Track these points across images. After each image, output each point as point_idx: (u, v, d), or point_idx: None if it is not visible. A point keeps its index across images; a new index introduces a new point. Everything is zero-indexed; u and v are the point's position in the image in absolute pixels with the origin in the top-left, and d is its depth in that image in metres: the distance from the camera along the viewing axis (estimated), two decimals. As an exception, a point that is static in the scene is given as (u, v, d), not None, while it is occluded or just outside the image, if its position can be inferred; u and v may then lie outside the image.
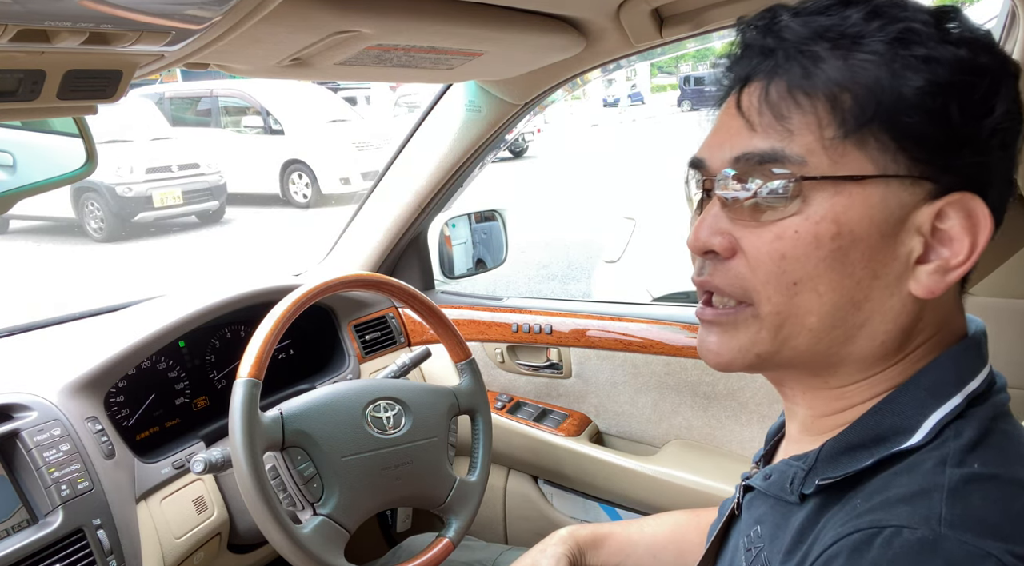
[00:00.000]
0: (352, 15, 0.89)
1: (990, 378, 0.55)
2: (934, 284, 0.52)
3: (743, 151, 0.54)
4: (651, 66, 26.41)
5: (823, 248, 0.52)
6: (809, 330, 0.54)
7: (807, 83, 0.52)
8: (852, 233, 0.51)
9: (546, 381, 1.68)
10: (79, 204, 8.64)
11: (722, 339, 0.58)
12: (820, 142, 0.52)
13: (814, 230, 0.52)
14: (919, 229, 0.52)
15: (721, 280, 0.57)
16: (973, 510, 0.46)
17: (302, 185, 10.32)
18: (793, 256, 0.53)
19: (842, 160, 0.51)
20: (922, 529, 0.45)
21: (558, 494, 1.64)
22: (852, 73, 0.51)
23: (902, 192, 0.51)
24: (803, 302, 0.53)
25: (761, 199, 0.53)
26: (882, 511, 0.48)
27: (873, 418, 0.55)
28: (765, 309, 0.55)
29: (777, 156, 0.53)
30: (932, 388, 0.54)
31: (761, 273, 0.54)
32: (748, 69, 0.55)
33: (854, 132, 0.51)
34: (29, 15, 0.55)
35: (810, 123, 0.52)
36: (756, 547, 0.59)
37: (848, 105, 0.51)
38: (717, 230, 0.56)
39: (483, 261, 1.88)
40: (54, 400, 1.10)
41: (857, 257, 0.52)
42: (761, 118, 0.54)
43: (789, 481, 0.57)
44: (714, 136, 0.59)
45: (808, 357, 0.56)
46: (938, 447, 0.51)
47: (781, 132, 0.53)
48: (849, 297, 0.53)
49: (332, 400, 1.14)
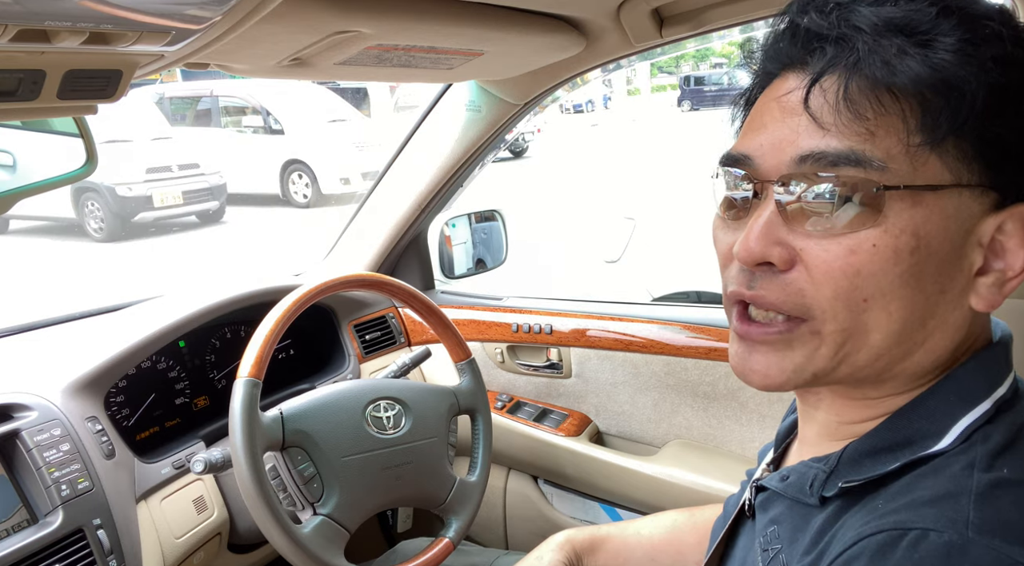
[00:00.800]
0: (352, 15, 0.89)
1: (1015, 385, 0.54)
2: (993, 297, 0.51)
3: (813, 150, 0.49)
4: (651, 66, 26.38)
5: (902, 264, 0.48)
6: (871, 347, 0.51)
7: (893, 80, 0.47)
8: (929, 247, 0.48)
9: (546, 381, 1.68)
10: (79, 204, 8.64)
11: (772, 359, 0.53)
12: (904, 147, 0.48)
13: (894, 244, 0.48)
14: (980, 240, 0.50)
15: (777, 295, 0.51)
16: (1002, 515, 0.45)
17: (302, 185, 10.32)
18: (869, 272, 0.48)
19: (924, 167, 0.48)
20: (949, 533, 0.44)
21: (558, 494, 1.64)
22: (939, 73, 0.47)
23: (972, 203, 0.49)
24: (871, 319, 0.50)
25: (833, 206, 0.49)
26: (907, 512, 0.46)
27: (900, 422, 0.53)
28: (829, 327, 0.50)
29: (857, 158, 0.48)
30: (962, 393, 0.52)
31: (828, 289, 0.49)
32: (821, 61, 0.50)
33: (943, 139, 0.47)
34: (29, 15, 0.55)
35: (895, 125, 0.48)
36: (773, 548, 0.58)
37: (940, 108, 0.47)
38: (774, 239, 0.51)
39: (483, 261, 1.88)
40: (54, 400, 1.10)
41: (930, 272, 0.49)
42: (837, 117, 0.48)
43: (809, 483, 0.56)
44: (762, 133, 0.53)
45: (864, 374, 0.53)
46: (965, 451, 0.50)
47: (861, 133, 0.48)
48: (919, 314, 0.50)
49: (332, 400, 1.14)
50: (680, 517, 0.95)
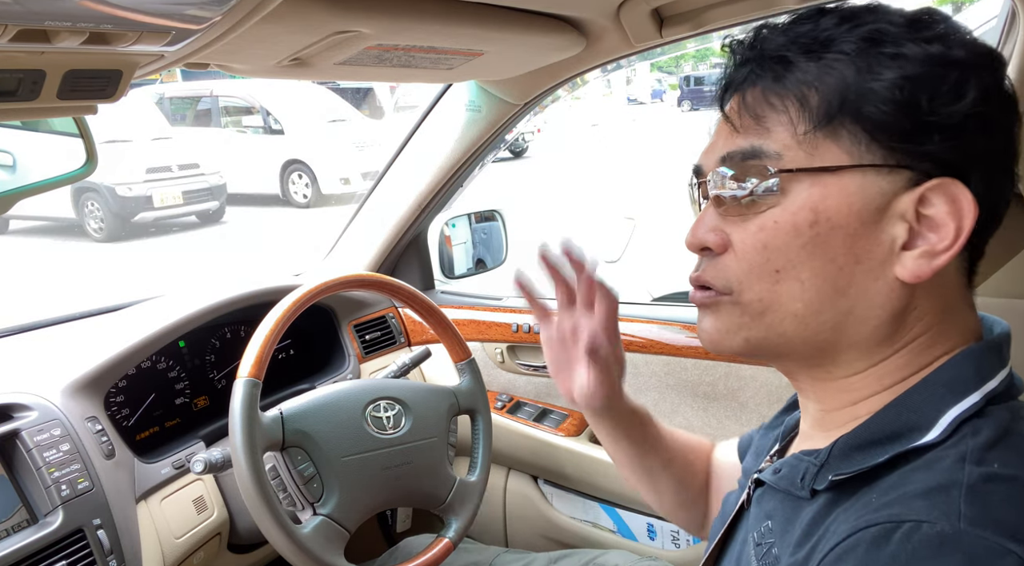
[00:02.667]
0: (352, 15, 0.89)
1: (1009, 380, 0.55)
2: (919, 268, 0.53)
3: (728, 151, 0.58)
4: (651, 66, 26.39)
5: (802, 236, 0.55)
6: (794, 316, 0.56)
7: (778, 86, 0.56)
8: (830, 221, 0.54)
9: (546, 381, 1.68)
10: (79, 204, 8.64)
11: (709, 321, 0.61)
12: (794, 138, 0.55)
13: (792, 219, 0.55)
14: (903, 216, 0.54)
15: (710, 274, 0.60)
16: (993, 510, 0.46)
17: (302, 185, 10.32)
18: (774, 245, 0.56)
19: (816, 153, 0.54)
20: (941, 523, 0.45)
21: (558, 494, 1.64)
22: (820, 73, 0.54)
23: (880, 180, 0.53)
24: (786, 290, 0.56)
25: (744, 193, 0.57)
26: (900, 505, 0.48)
27: (888, 414, 0.55)
28: (746, 297, 0.58)
29: (757, 152, 0.56)
30: (950, 384, 0.54)
31: (745, 263, 0.57)
32: (732, 80, 0.60)
33: (824, 125, 0.54)
34: (29, 15, 0.55)
35: (784, 121, 0.55)
36: (767, 542, 0.59)
37: (815, 102, 0.54)
38: (711, 228, 0.60)
39: (483, 261, 1.88)
40: (54, 400, 1.10)
41: (837, 244, 0.54)
42: (742, 120, 0.58)
43: (800, 476, 0.58)
44: (710, 143, 0.63)
45: (800, 344, 0.58)
46: (956, 444, 0.51)
47: (760, 131, 0.57)
48: (832, 283, 0.55)
49: (332, 400, 1.14)
50: (703, 446, 0.97)
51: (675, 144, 10.90)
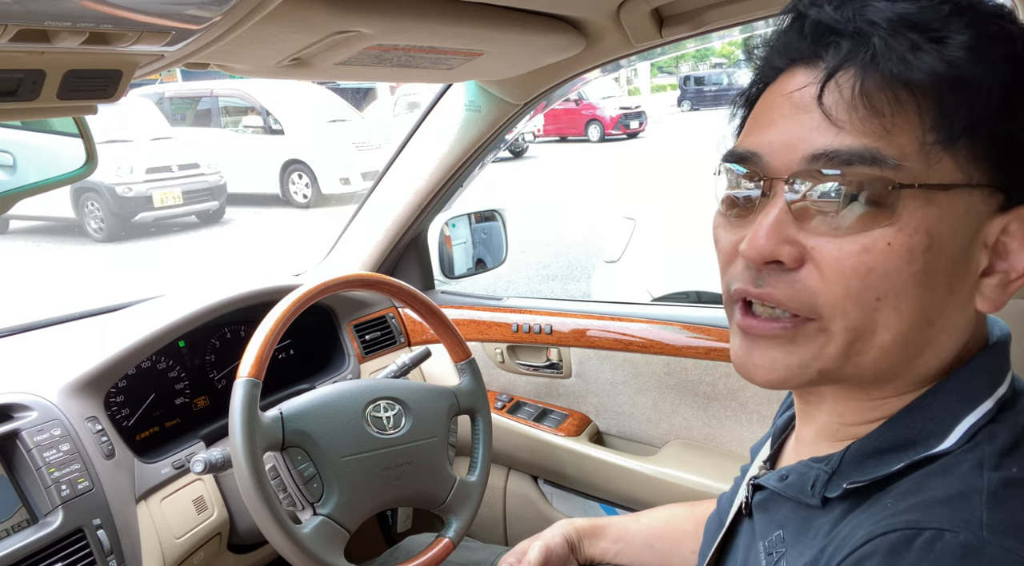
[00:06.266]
0: (352, 15, 0.89)
1: (1014, 382, 0.54)
2: (998, 298, 0.50)
3: (826, 148, 0.48)
4: (651, 66, 26.37)
5: (915, 263, 0.47)
6: (880, 348, 0.50)
7: (911, 76, 0.46)
8: (941, 247, 0.48)
9: (546, 381, 1.68)
10: (79, 204, 8.64)
11: (776, 354, 0.52)
12: (919, 145, 0.47)
13: (908, 243, 0.47)
14: (985, 242, 0.50)
15: (785, 293, 0.50)
16: (1015, 516, 0.45)
17: (302, 185, 10.32)
18: (883, 271, 0.48)
19: (938, 166, 0.47)
20: (964, 533, 0.44)
21: (558, 494, 1.64)
22: (954, 69, 0.46)
23: (980, 203, 0.49)
24: (881, 319, 0.49)
25: (846, 204, 0.48)
26: (919, 512, 0.46)
27: (902, 422, 0.53)
28: (837, 325, 0.50)
29: (872, 156, 0.47)
30: (964, 392, 0.52)
31: (840, 287, 0.49)
32: (836, 57, 0.49)
33: (959, 137, 0.47)
34: (29, 15, 0.55)
35: (911, 122, 0.47)
36: (778, 551, 0.57)
37: (957, 105, 0.46)
38: (784, 237, 0.50)
39: (483, 261, 1.88)
40: (54, 400, 1.10)
41: (941, 272, 0.48)
42: (852, 113, 0.48)
43: (810, 483, 0.55)
44: (774, 129, 0.52)
45: (870, 374, 0.52)
46: (972, 450, 0.49)
47: (876, 131, 0.47)
48: (926, 314, 0.49)
49: (332, 400, 1.14)
50: (679, 508, 0.99)
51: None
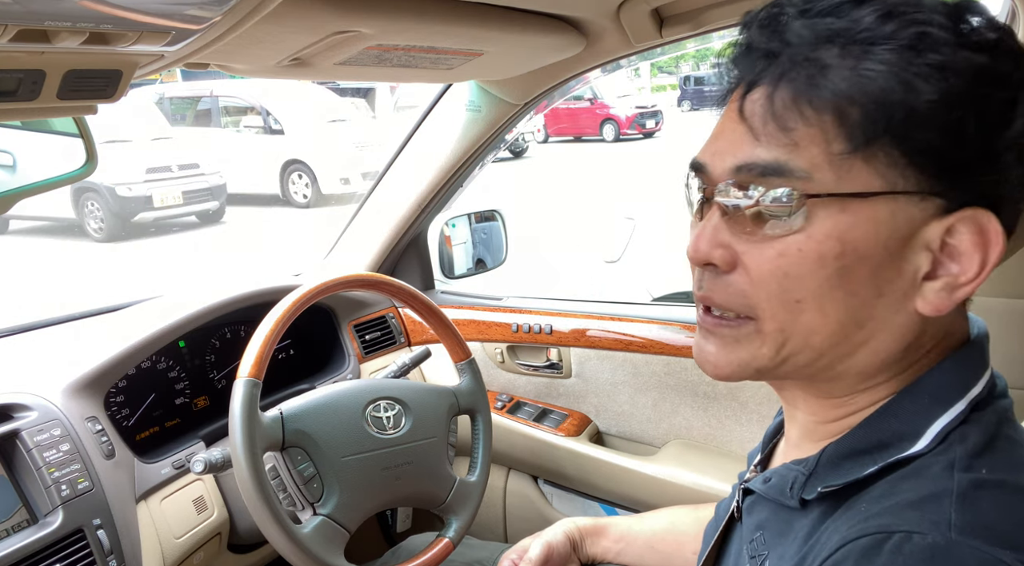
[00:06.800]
0: (352, 15, 0.89)
1: (991, 382, 0.54)
2: (941, 302, 0.50)
3: (745, 160, 0.52)
4: (651, 66, 26.36)
5: (827, 267, 0.50)
6: (812, 348, 0.53)
7: (814, 93, 0.49)
8: (857, 252, 0.49)
9: (546, 381, 1.68)
10: (79, 204, 8.64)
11: (721, 351, 0.56)
12: (826, 157, 0.49)
13: (818, 249, 0.50)
14: (927, 245, 0.50)
15: (721, 296, 0.55)
16: (983, 516, 0.45)
17: (302, 185, 10.32)
18: (797, 275, 0.50)
19: (848, 175, 0.49)
20: (932, 534, 0.44)
21: (558, 494, 1.64)
22: (861, 84, 0.48)
23: (910, 208, 0.49)
24: (807, 321, 0.52)
25: (764, 212, 0.51)
26: (890, 516, 0.47)
27: (875, 424, 0.54)
28: (769, 326, 0.53)
29: (781, 169, 0.50)
30: (935, 394, 0.52)
31: (764, 290, 0.52)
32: (752, 73, 0.52)
33: (863, 147, 0.48)
34: (29, 15, 0.55)
35: (816, 136, 0.49)
36: (760, 554, 0.58)
37: (856, 119, 0.48)
38: (717, 242, 0.54)
39: (483, 261, 1.88)
40: (54, 400, 1.10)
41: (862, 276, 0.50)
42: (765, 127, 0.51)
43: (789, 485, 0.57)
44: (716, 141, 0.56)
45: (808, 372, 0.55)
46: (944, 452, 0.50)
47: (786, 144, 0.50)
48: (853, 316, 0.51)
49: (332, 400, 1.14)
50: (682, 511, 0.99)
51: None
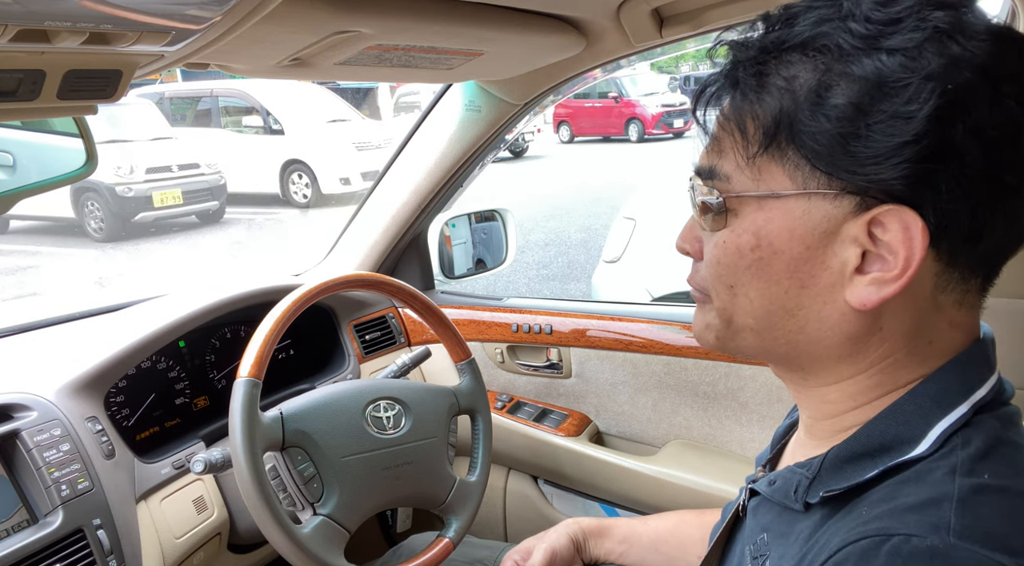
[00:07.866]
0: (352, 15, 0.89)
1: (998, 386, 0.54)
2: (867, 297, 0.51)
3: (698, 166, 0.60)
4: (651, 66, 26.37)
5: (745, 259, 0.56)
6: (750, 329, 0.58)
7: (726, 109, 0.56)
8: (771, 245, 0.54)
9: (546, 381, 1.68)
10: (79, 204, 8.64)
11: (696, 319, 0.64)
12: (742, 162, 0.55)
13: (736, 242, 0.56)
14: (855, 239, 0.51)
15: (694, 279, 0.64)
16: (983, 521, 0.45)
17: (302, 185, 10.32)
18: (725, 263, 0.57)
19: (762, 177, 0.54)
20: (931, 538, 0.44)
21: (558, 494, 1.64)
22: (761, 97, 0.53)
23: (826, 205, 0.52)
24: (740, 304, 0.58)
25: (705, 210, 0.59)
26: (890, 519, 0.47)
27: (877, 427, 0.54)
28: (717, 303, 0.60)
29: (712, 173, 0.57)
30: (937, 397, 0.53)
31: (709, 275, 0.60)
32: (701, 90, 0.60)
33: (762, 154, 0.54)
34: (29, 15, 0.55)
35: (733, 145, 0.56)
36: (763, 555, 0.59)
37: (752, 130, 0.54)
38: (693, 236, 0.62)
39: (483, 261, 1.88)
40: (54, 400, 1.10)
41: (780, 268, 0.54)
42: (707, 137, 0.59)
43: (793, 489, 0.57)
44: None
45: (763, 353, 0.60)
46: (946, 456, 0.50)
47: (717, 151, 0.57)
48: (780, 304, 0.56)
49: (332, 400, 1.14)
50: (687, 514, 0.99)
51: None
